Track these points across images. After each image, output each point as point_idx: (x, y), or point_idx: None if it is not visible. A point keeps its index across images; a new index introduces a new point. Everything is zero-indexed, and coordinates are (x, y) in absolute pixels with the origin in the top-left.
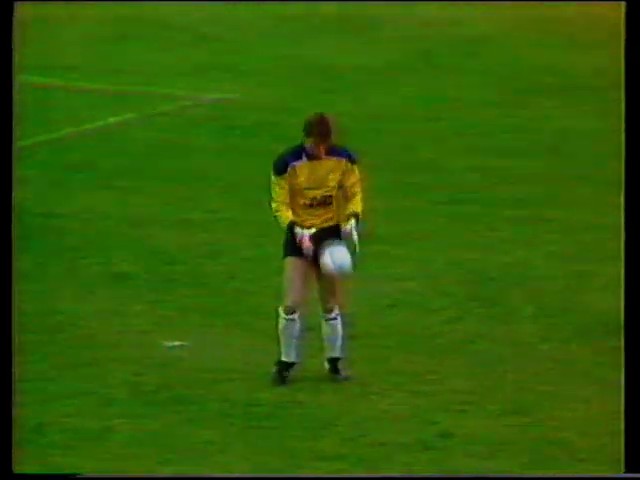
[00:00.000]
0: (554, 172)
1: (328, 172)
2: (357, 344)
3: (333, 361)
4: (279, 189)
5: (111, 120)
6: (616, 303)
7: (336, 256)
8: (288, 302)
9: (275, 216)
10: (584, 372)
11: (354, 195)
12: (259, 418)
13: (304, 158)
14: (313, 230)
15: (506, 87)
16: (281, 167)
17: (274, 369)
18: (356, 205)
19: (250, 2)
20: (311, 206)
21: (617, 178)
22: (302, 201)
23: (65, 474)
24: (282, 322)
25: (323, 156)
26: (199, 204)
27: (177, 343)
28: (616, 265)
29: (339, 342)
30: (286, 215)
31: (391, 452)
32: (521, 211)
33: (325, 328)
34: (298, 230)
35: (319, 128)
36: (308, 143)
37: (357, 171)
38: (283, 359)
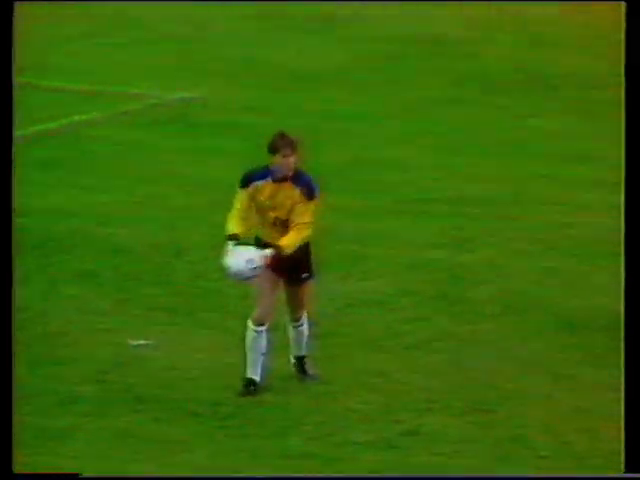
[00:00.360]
0: (520, 170)
1: (287, 198)
2: (322, 343)
3: (299, 359)
4: (238, 201)
5: (77, 118)
6: (580, 300)
7: (236, 260)
8: (257, 314)
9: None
10: (548, 370)
11: (293, 229)
12: (225, 417)
13: (269, 178)
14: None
15: (472, 86)
16: (244, 181)
17: (241, 384)
18: (288, 239)
19: (217, 2)
20: (275, 225)
21: (583, 176)
22: (267, 221)
23: (65, 474)
24: (250, 334)
25: (289, 178)
26: (165, 203)
27: (142, 342)
28: (581, 263)
29: (305, 341)
30: (230, 227)
31: (356, 451)
32: (487, 209)
33: (292, 333)
34: (230, 245)
35: (284, 142)
36: (275, 161)
37: (310, 208)
38: (248, 376)
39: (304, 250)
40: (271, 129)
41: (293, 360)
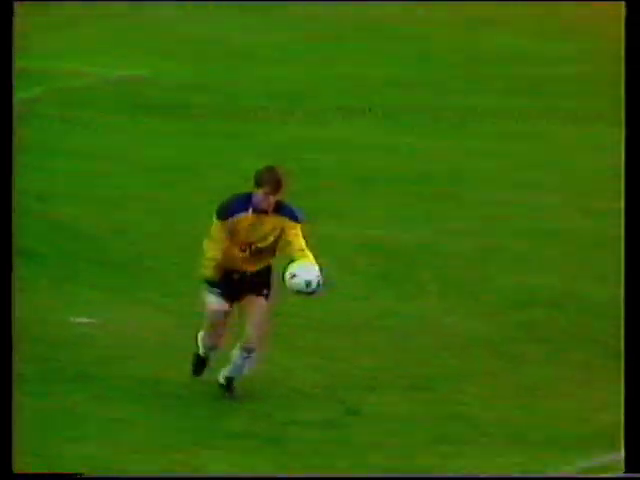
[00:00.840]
0: (460, 149)
1: (270, 229)
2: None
3: (229, 380)
4: (217, 233)
5: (18, 96)
6: (520, 278)
7: (303, 274)
8: (208, 343)
9: (205, 257)
10: (491, 347)
11: (305, 255)
12: (168, 396)
13: (250, 210)
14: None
15: (411, 65)
16: (224, 214)
17: (191, 361)
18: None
19: None
20: (244, 251)
21: (521, 154)
22: (237, 247)
23: (65, 474)
24: (201, 351)
25: (270, 211)
26: (105, 181)
27: (84, 320)
28: (521, 240)
29: (244, 371)
30: (209, 265)
31: (300, 430)
32: (427, 188)
33: (237, 358)
34: (210, 290)
35: (269, 178)
36: (257, 194)
37: (301, 230)
38: (200, 353)
39: (266, 272)
40: (212, 108)
41: (222, 380)
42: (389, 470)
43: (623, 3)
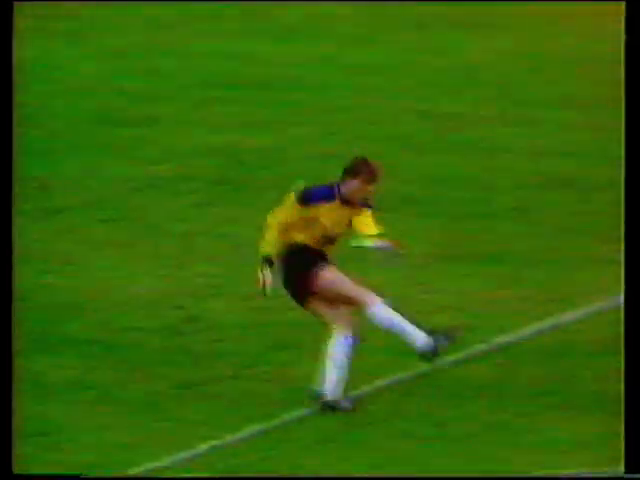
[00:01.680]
0: (299, 55)
1: (346, 219)
2: (106, 229)
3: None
4: (285, 214)
5: None
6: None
7: None
8: (370, 295)
9: (264, 237)
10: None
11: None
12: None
13: (337, 200)
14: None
15: None
16: (304, 197)
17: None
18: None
19: None
20: (318, 241)
21: (362, 59)
22: (312, 237)
23: (65, 474)
24: (381, 310)
25: (357, 203)
26: None
27: None
28: (361, 146)
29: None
30: (266, 248)
31: (139, 337)
32: (269, 94)
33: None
34: (264, 271)
35: (367, 167)
36: (349, 181)
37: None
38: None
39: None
40: (57, 9)
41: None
42: (232, 377)
43: (623, 3)
